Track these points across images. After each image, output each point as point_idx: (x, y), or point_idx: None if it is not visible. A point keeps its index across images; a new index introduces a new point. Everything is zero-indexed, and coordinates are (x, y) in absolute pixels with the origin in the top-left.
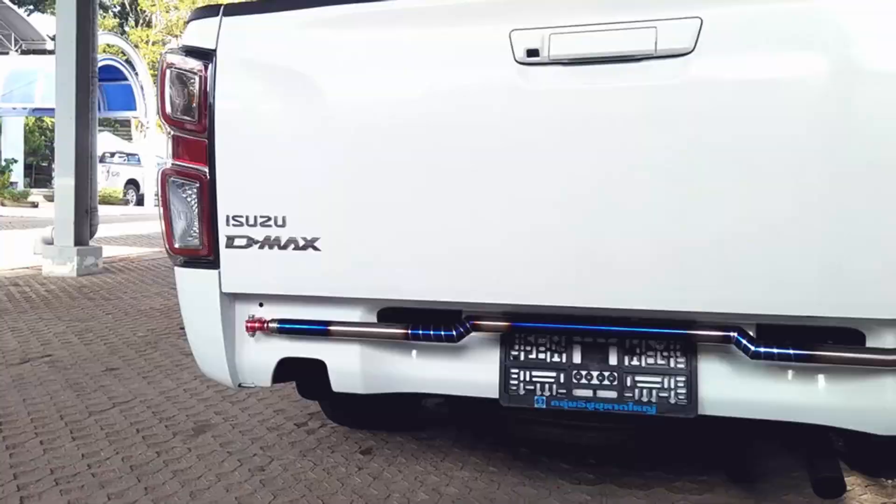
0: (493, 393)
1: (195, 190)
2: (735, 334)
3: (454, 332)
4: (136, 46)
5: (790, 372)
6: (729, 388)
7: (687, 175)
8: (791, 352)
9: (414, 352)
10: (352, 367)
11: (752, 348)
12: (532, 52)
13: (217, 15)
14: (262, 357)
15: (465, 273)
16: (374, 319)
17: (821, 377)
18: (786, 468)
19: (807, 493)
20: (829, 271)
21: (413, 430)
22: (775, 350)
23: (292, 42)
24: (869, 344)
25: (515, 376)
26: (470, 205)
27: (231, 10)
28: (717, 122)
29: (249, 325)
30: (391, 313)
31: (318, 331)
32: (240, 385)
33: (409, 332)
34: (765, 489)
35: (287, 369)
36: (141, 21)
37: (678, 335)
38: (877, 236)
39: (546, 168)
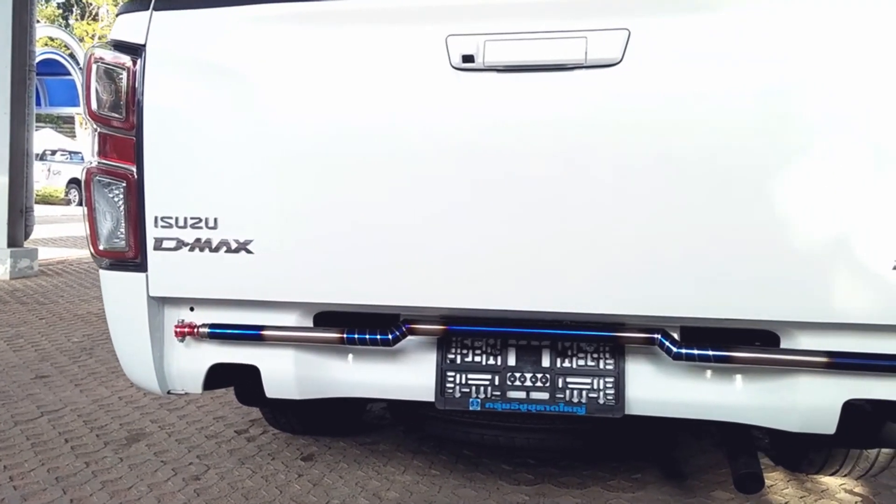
0: (430, 396)
1: (122, 190)
2: (658, 336)
3: (390, 336)
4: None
5: (710, 372)
6: (654, 389)
7: (615, 182)
8: (710, 353)
9: (350, 356)
10: (286, 373)
11: (674, 350)
12: (468, 58)
13: (147, 9)
14: (192, 363)
15: (402, 277)
16: (309, 323)
17: (738, 377)
18: (715, 465)
19: (734, 489)
20: (746, 276)
21: (357, 434)
22: (695, 351)
23: (225, 39)
24: (783, 345)
25: (451, 379)
26: (405, 209)
27: (162, 5)
28: (643, 130)
29: (179, 329)
30: (327, 317)
31: (251, 336)
32: (168, 392)
33: (345, 336)
34: (694, 486)
35: (220, 375)
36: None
37: (607, 337)
38: (790, 244)
39: (481, 174)
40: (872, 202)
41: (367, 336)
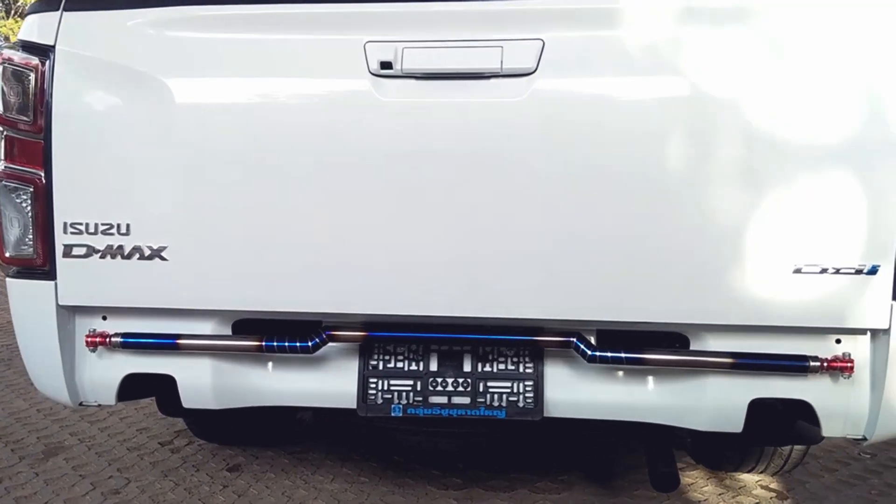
0: (352, 403)
1: (29, 195)
2: (574, 340)
3: (310, 344)
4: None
5: (624, 374)
6: (572, 391)
7: (532, 189)
8: (623, 355)
9: (270, 364)
10: (203, 382)
11: (589, 352)
12: (385, 65)
13: (57, 9)
14: (104, 374)
15: (322, 283)
16: (227, 332)
17: (650, 378)
18: (639, 465)
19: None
20: (657, 282)
21: (287, 443)
22: (609, 354)
23: (139, 42)
24: (692, 347)
25: (374, 386)
26: (324, 214)
27: (73, 6)
28: (557, 138)
29: (90, 339)
30: (247, 325)
31: (166, 345)
32: (80, 404)
33: (264, 344)
34: (619, 486)
35: (136, 385)
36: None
37: (526, 341)
38: (698, 250)
39: (399, 180)
40: (773, 211)
41: (287, 344)
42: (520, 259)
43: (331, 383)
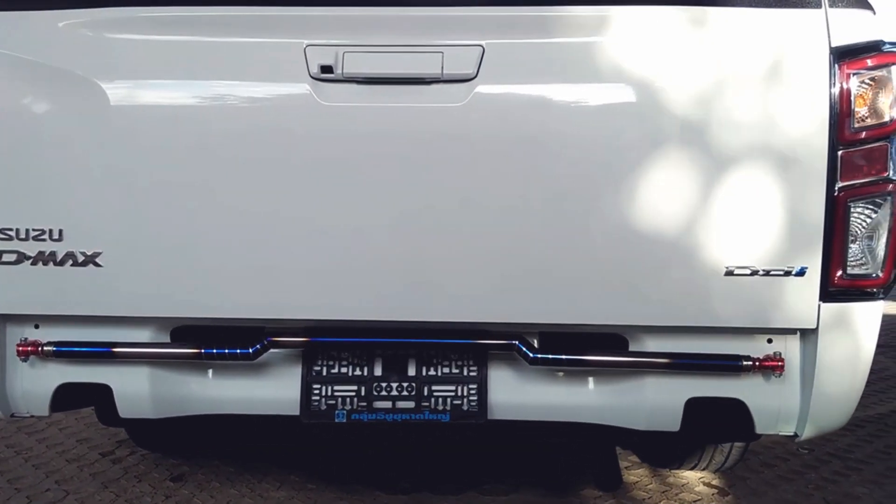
0: (294, 410)
1: None
2: (516, 342)
3: (251, 350)
4: None
5: (565, 376)
6: (515, 394)
7: (473, 193)
8: (563, 357)
9: (210, 371)
10: (141, 391)
11: (531, 355)
12: (326, 69)
13: None
14: (37, 384)
15: (262, 289)
16: (166, 339)
17: (591, 380)
18: (585, 465)
19: (601, 487)
20: (597, 285)
21: (232, 450)
22: (550, 356)
23: (72, 43)
24: (631, 348)
25: (317, 392)
26: (264, 219)
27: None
28: (498, 142)
29: (21, 348)
30: (186, 332)
31: (102, 353)
32: (12, 415)
33: (203, 351)
34: (565, 486)
35: (71, 395)
36: None
37: (469, 345)
38: (635, 254)
39: (340, 184)
40: (706, 216)
41: (227, 350)
42: (462, 263)
43: (273, 390)
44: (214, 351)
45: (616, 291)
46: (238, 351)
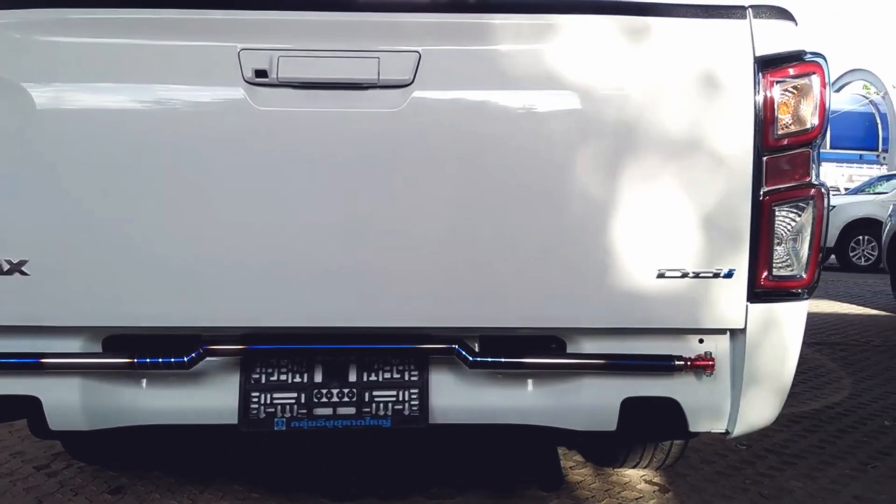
0: (233, 419)
1: None
2: (456, 346)
3: (185, 359)
4: None
5: (505, 379)
6: (457, 398)
7: (410, 198)
8: (502, 360)
9: (144, 381)
10: (72, 403)
11: (471, 358)
12: (260, 73)
13: None
14: None
15: (197, 296)
16: (97, 349)
17: (530, 382)
18: (532, 467)
19: (546, 488)
20: (535, 288)
21: (172, 461)
22: (489, 359)
23: None
24: (569, 350)
25: (256, 400)
26: (199, 225)
27: None
28: (435, 147)
29: None
30: (120, 341)
31: (30, 364)
32: None
33: (136, 360)
34: (510, 487)
35: (0, 408)
36: None
37: (408, 350)
38: (571, 257)
39: (277, 189)
40: (638, 220)
41: (161, 360)
42: (402, 268)
43: (210, 399)
44: (148, 360)
45: (553, 295)
46: (172, 360)
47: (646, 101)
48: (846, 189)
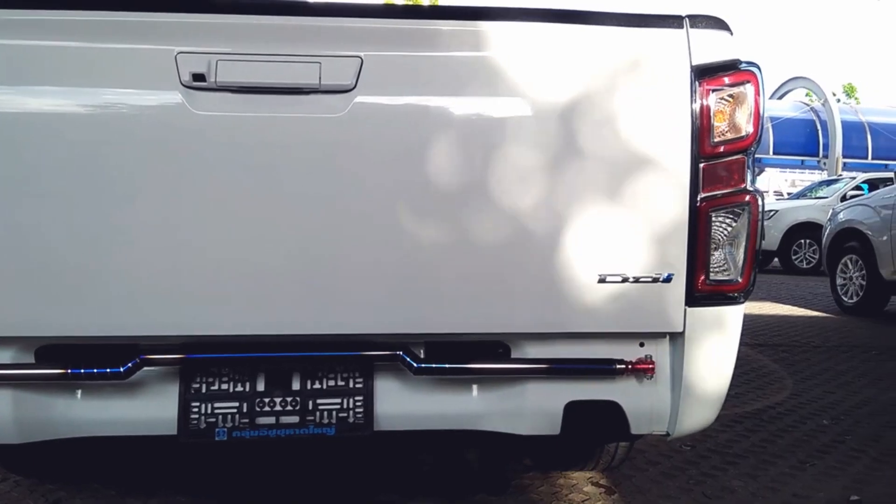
0: (172, 429)
1: None
2: (401, 353)
3: (121, 369)
4: None
5: (450, 385)
6: (402, 404)
7: (353, 205)
8: (447, 366)
9: (79, 392)
10: (2, 415)
11: (415, 365)
12: (198, 77)
13: None
14: None
15: (134, 305)
16: (30, 359)
17: (475, 387)
18: (477, 472)
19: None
20: (479, 295)
21: (114, 473)
22: (434, 365)
23: None
24: (513, 355)
25: (196, 410)
26: (134, 230)
27: None
28: (378, 153)
29: None
30: (53, 351)
31: None
32: None
33: (70, 371)
34: (458, 492)
35: None
36: None
37: (352, 357)
38: (516, 263)
39: (216, 195)
40: (579, 226)
41: (96, 370)
42: (345, 275)
43: (148, 410)
44: (82, 371)
45: (498, 300)
46: (108, 370)
47: (586, 108)
48: (789, 194)
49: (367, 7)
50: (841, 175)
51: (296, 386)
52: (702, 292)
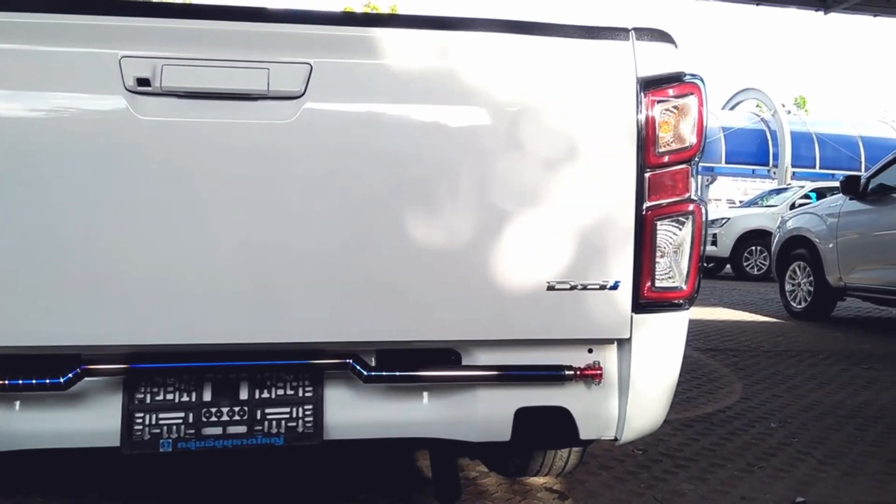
0: (115, 441)
1: None
2: (350, 361)
3: (62, 380)
4: None
5: (401, 392)
6: (352, 413)
7: (302, 212)
8: (397, 374)
9: (17, 403)
10: None
11: (365, 373)
12: (143, 81)
13: None
14: None
15: (75, 313)
16: None
17: (426, 395)
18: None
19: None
20: (429, 302)
21: (59, 486)
22: (384, 373)
23: None
24: (464, 362)
25: (140, 420)
26: (76, 237)
27: None
28: (327, 160)
29: None
30: None
31: None
32: None
33: (7, 382)
34: (414, 500)
35: None
36: None
37: (301, 365)
38: (465, 271)
39: (160, 201)
40: (528, 234)
41: (34, 381)
42: (293, 282)
43: (90, 421)
44: (20, 382)
45: (448, 308)
46: (47, 381)
47: (535, 117)
48: (741, 202)
49: (317, 14)
50: (790, 184)
51: (244, 395)
52: (648, 299)
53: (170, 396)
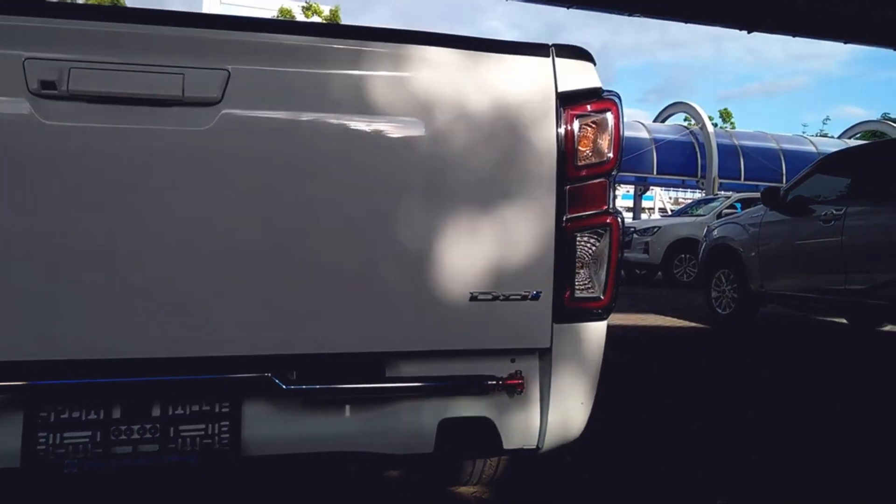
0: (14, 462)
1: None
2: (269, 374)
3: None
4: None
5: (323, 406)
6: (272, 428)
7: (219, 221)
8: (318, 387)
9: None
10: None
11: (284, 386)
12: (48, 85)
13: None
14: None
15: None
16: None
17: (348, 408)
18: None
19: None
20: (351, 314)
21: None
22: (304, 386)
23: None
24: (388, 374)
25: (43, 441)
26: None
27: None
28: (244, 168)
29: None
30: None
31: None
32: None
33: None
34: None
35: None
36: None
37: (220, 379)
38: (389, 283)
39: (66, 209)
40: (451, 246)
41: None
42: (209, 293)
43: None
44: None
45: (370, 319)
46: None
47: (458, 128)
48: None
49: (235, 19)
50: (717, 194)
51: (156, 412)
52: (567, 309)
53: (76, 414)
